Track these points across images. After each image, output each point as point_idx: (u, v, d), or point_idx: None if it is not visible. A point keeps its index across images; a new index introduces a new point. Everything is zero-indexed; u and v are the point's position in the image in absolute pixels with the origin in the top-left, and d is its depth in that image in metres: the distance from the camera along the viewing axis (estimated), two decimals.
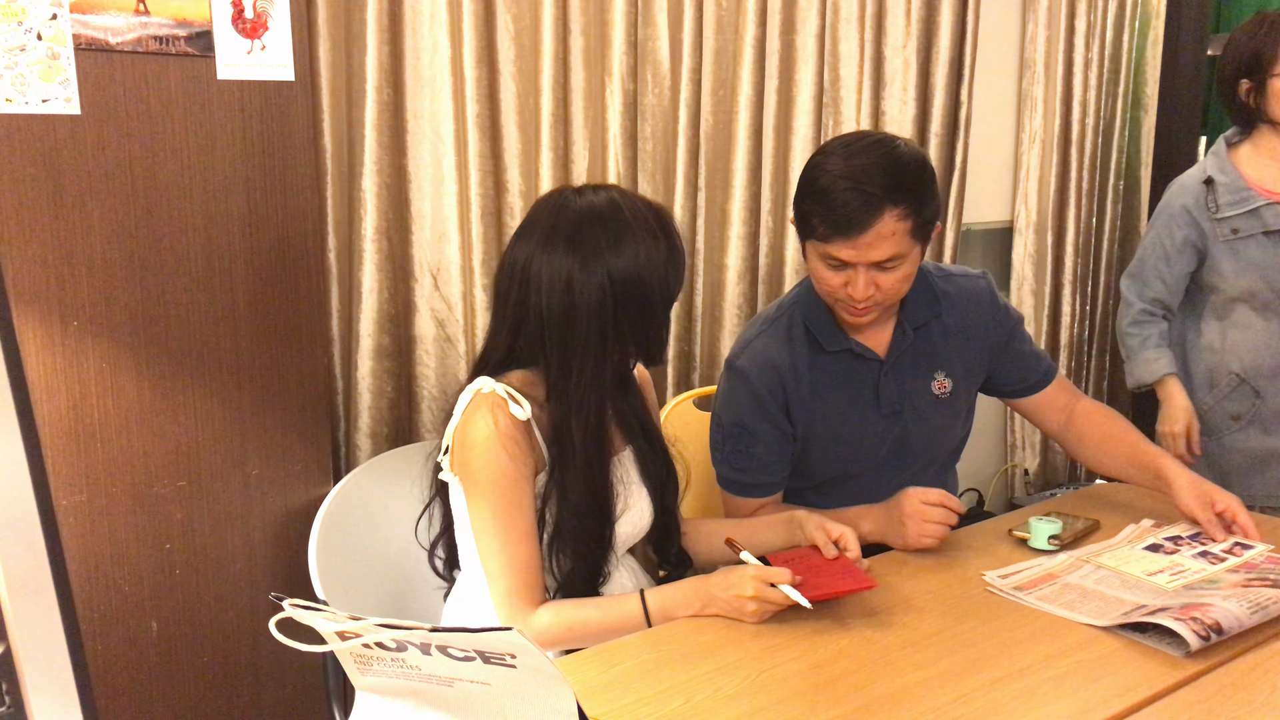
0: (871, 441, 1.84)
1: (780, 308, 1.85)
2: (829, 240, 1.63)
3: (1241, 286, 2.35)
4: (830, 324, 1.80)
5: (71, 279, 1.61)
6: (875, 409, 1.82)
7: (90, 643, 1.69)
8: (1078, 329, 3.28)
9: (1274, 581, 1.50)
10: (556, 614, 1.48)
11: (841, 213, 1.61)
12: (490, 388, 1.50)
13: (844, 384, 1.81)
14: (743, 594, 1.44)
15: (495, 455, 1.47)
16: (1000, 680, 1.31)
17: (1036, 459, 3.28)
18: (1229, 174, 2.35)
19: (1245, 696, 1.27)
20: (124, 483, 1.70)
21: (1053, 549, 1.68)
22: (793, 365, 1.79)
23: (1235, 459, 2.43)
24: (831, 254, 1.65)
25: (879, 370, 1.82)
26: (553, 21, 2.13)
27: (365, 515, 1.87)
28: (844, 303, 1.71)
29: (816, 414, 1.80)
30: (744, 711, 1.24)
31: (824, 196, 1.62)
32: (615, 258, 1.46)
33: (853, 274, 1.66)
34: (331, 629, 1.01)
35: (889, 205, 1.60)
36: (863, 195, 1.60)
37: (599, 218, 1.48)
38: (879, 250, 1.62)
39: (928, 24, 2.70)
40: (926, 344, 1.85)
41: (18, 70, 1.52)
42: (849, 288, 1.67)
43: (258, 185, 1.76)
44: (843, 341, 1.80)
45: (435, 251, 2.12)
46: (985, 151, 3.03)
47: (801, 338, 1.80)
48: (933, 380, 1.86)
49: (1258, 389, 2.37)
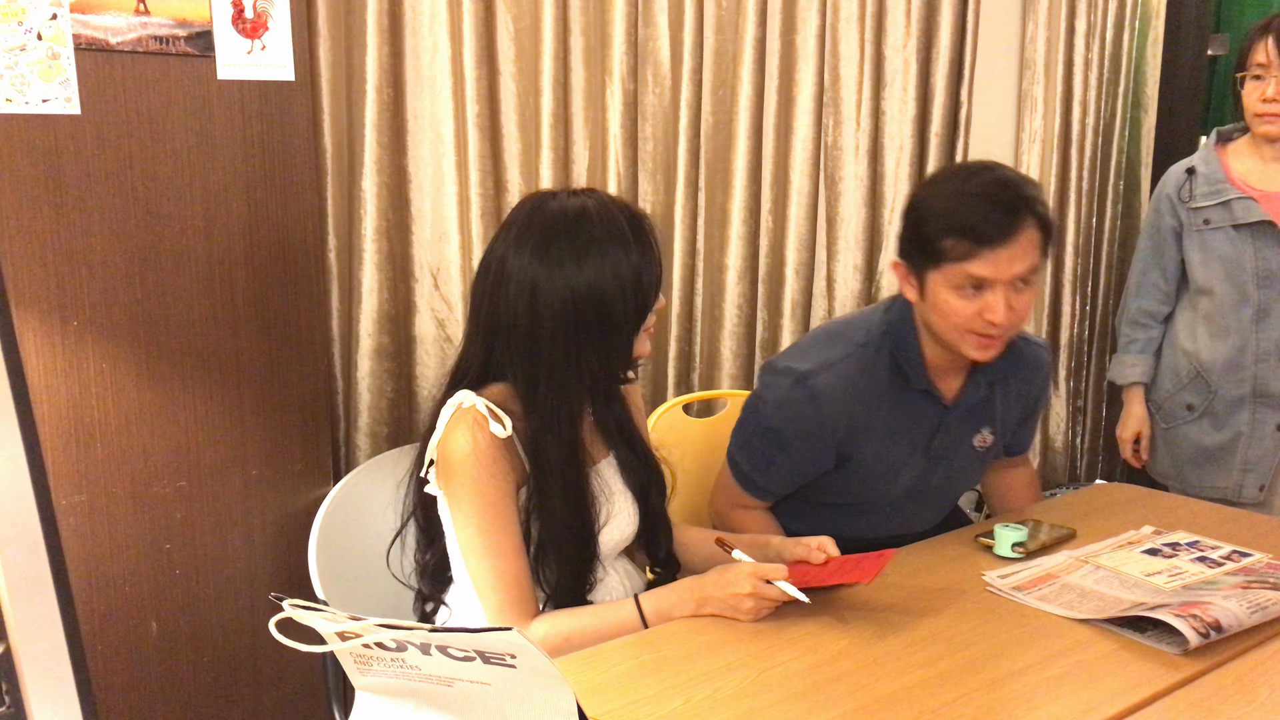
0: (905, 479, 1.83)
1: (869, 334, 1.77)
2: (970, 257, 1.57)
3: (1206, 279, 2.40)
4: (919, 361, 1.74)
5: (71, 279, 1.61)
6: (925, 452, 1.81)
7: (90, 643, 1.69)
8: (1078, 329, 3.28)
9: (1274, 584, 1.50)
10: (552, 625, 1.47)
11: (989, 222, 1.56)
12: (471, 403, 1.47)
13: (909, 423, 1.78)
14: (739, 591, 1.44)
15: (475, 475, 1.46)
16: (1000, 680, 1.31)
17: (1036, 459, 3.28)
18: (1211, 165, 2.41)
19: (1245, 696, 1.27)
20: (124, 483, 1.70)
21: (1018, 556, 1.67)
22: (868, 400, 1.74)
23: (1185, 449, 2.50)
24: (973, 272, 1.58)
25: (943, 416, 1.79)
26: (553, 21, 2.13)
27: (365, 515, 1.87)
28: (975, 334, 1.64)
29: (871, 446, 1.77)
30: (744, 711, 1.24)
31: (962, 212, 1.58)
32: (578, 270, 1.43)
33: (990, 297, 1.60)
34: (331, 629, 1.01)
35: (1029, 213, 1.58)
36: (1007, 204, 1.57)
37: (567, 227, 1.44)
38: (1022, 262, 1.58)
39: (928, 24, 2.70)
40: (990, 400, 1.83)
41: (18, 70, 1.52)
42: (987, 313, 1.60)
43: (258, 185, 1.76)
44: (923, 382, 1.75)
45: (435, 251, 2.12)
46: (985, 151, 3.02)
47: (885, 370, 1.74)
48: (978, 434, 1.85)
49: (1210, 382, 2.43)
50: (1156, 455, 2.59)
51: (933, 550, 1.73)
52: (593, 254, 1.44)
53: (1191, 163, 2.46)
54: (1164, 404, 2.53)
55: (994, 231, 1.57)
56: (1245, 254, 2.35)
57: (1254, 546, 1.69)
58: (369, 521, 1.87)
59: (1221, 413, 2.44)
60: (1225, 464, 2.45)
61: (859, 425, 1.74)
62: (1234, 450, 2.43)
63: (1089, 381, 3.39)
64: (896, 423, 1.77)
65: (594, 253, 1.44)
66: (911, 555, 1.71)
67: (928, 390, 1.76)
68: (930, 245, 1.61)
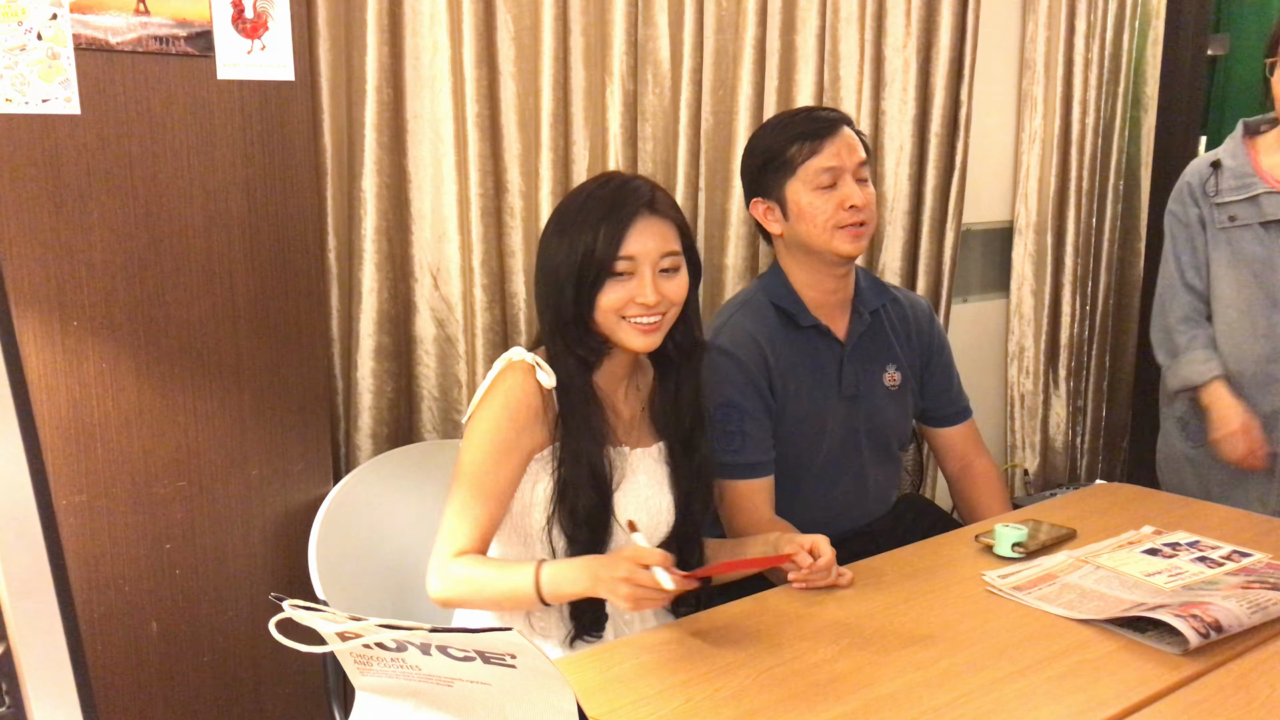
0: (831, 423, 1.93)
1: (747, 295, 1.99)
2: (817, 151, 1.84)
3: (1231, 282, 2.25)
4: (799, 302, 1.94)
5: (71, 279, 1.61)
6: (837, 390, 1.95)
7: (90, 643, 1.69)
8: (1078, 329, 3.28)
9: (1274, 584, 1.50)
10: (465, 563, 1.47)
11: (816, 123, 1.87)
12: (521, 356, 1.55)
13: (811, 362, 1.94)
14: (616, 575, 1.36)
15: (496, 416, 1.51)
16: (1000, 680, 1.31)
17: (1036, 459, 3.28)
18: (1239, 158, 2.25)
19: (1245, 696, 1.27)
20: (124, 483, 1.70)
21: (1018, 556, 1.67)
22: (770, 340, 1.91)
23: (1216, 471, 2.32)
24: (824, 165, 1.84)
25: (841, 353, 1.96)
26: (553, 21, 2.13)
27: (365, 515, 1.87)
28: (842, 227, 1.85)
29: (789, 390, 1.91)
30: (744, 711, 1.24)
31: (793, 125, 1.88)
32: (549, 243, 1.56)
33: (844, 188, 1.84)
34: (331, 629, 1.01)
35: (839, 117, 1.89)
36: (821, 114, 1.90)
37: (563, 203, 1.59)
38: (856, 150, 1.87)
39: (928, 24, 2.70)
40: (879, 332, 2.01)
41: (18, 70, 1.52)
42: (847, 201, 1.84)
43: (258, 185, 1.76)
44: (811, 318, 1.93)
45: (435, 251, 2.12)
46: (985, 151, 3.03)
47: (773, 317, 1.93)
48: (885, 372, 2.01)
49: (1243, 396, 2.25)
50: (1182, 479, 2.38)
51: (933, 550, 1.73)
52: (554, 228, 1.56)
53: (1217, 155, 2.28)
54: (1190, 421, 2.34)
55: (824, 127, 1.86)
56: (1276, 254, 2.19)
57: (1254, 546, 1.69)
58: (369, 521, 1.87)
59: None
60: (1262, 486, 2.25)
61: (774, 366, 1.90)
62: (1273, 474, 2.23)
63: (1089, 381, 3.39)
64: (801, 363, 1.93)
65: (557, 228, 1.55)
66: (912, 555, 1.71)
67: (816, 326, 1.93)
68: (779, 160, 1.88)
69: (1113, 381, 3.47)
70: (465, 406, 2.15)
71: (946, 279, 2.83)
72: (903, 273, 2.77)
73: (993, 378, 3.27)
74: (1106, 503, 1.94)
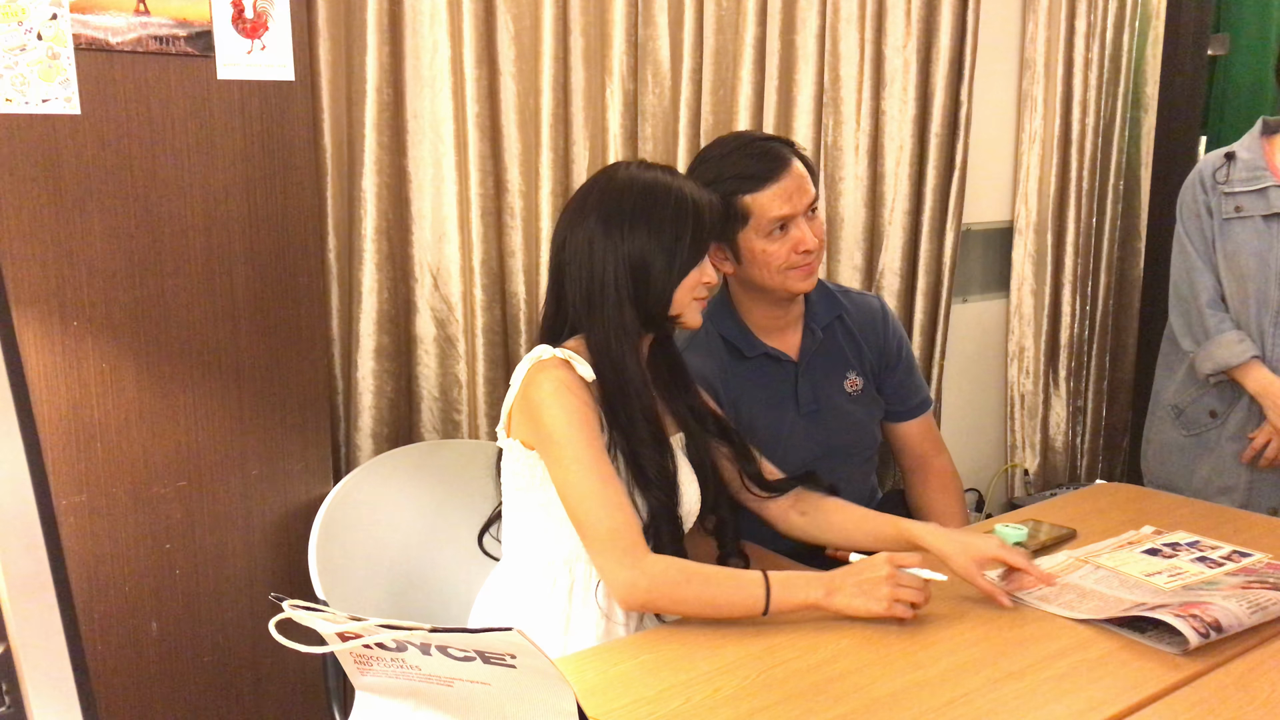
0: (797, 442, 1.91)
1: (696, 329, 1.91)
2: (768, 198, 1.77)
3: (1233, 274, 2.27)
4: (745, 332, 1.92)
5: (71, 279, 1.61)
6: (795, 410, 1.93)
7: (90, 643, 1.69)
8: (1078, 329, 3.28)
9: (1274, 584, 1.50)
10: (677, 564, 1.45)
11: (766, 158, 1.79)
12: (550, 354, 1.52)
13: (764, 388, 1.92)
14: (878, 575, 1.44)
15: (569, 404, 1.46)
16: (1000, 680, 1.31)
17: (1036, 459, 3.28)
18: (1253, 151, 2.28)
19: (1245, 696, 1.27)
20: (124, 483, 1.70)
21: None
22: (721, 372, 1.88)
23: (1206, 460, 2.35)
24: (776, 215, 1.77)
25: (795, 372, 1.94)
26: (553, 21, 2.13)
27: (365, 515, 1.87)
28: (794, 268, 1.82)
29: (743, 420, 1.86)
30: (744, 711, 1.24)
31: (744, 160, 1.78)
32: (631, 237, 1.52)
33: (795, 232, 1.80)
34: (331, 629, 1.01)
35: (786, 149, 1.82)
36: (767, 146, 1.81)
37: (632, 193, 1.54)
38: (806, 190, 1.81)
39: (928, 24, 2.70)
40: (834, 345, 1.99)
41: (18, 70, 1.52)
42: (800, 246, 1.80)
43: (258, 185, 1.76)
44: (760, 347, 1.92)
45: (435, 251, 2.12)
46: (985, 151, 3.03)
47: (721, 349, 1.91)
48: (845, 379, 1.99)
49: (1234, 386, 2.28)
50: (1168, 468, 2.42)
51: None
52: (641, 224, 1.53)
53: (1232, 148, 2.31)
54: (1186, 408, 2.38)
55: (773, 167, 1.79)
56: (1273, 249, 2.20)
57: (1254, 546, 1.69)
58: (369, 521, 1.87)
59: (1247, 420, 2.29)
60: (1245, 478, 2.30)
61: (725, 401, 1.85)
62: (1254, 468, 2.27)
63: (1089, 381, 3.39)
64: (755, 389, 1.91)
65: (643, 223, 1.53)
66: None
67: (766, 353, 1.92)
68: (730, 210, 1.78)
69: (1113, 381, 3.47)
70: (465, 407, 2.15)
71: (946, 279, 2.83)
72: (903, 273, 2.77)
73: (993, 378, 3.27)
74: (1106, 503, 1.94)
